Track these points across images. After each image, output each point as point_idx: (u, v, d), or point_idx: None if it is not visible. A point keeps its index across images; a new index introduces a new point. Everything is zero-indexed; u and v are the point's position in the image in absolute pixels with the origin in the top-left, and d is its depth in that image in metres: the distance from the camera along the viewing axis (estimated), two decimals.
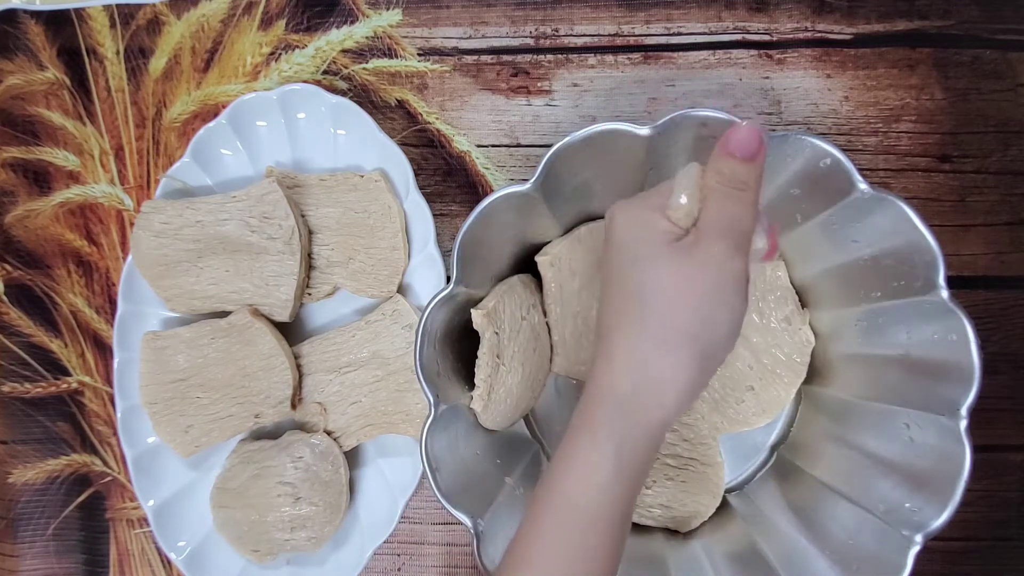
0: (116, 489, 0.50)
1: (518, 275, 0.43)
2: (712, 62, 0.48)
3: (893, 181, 0.47)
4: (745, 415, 0.43)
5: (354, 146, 0.48)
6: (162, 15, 0.52)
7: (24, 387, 0.51)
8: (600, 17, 0.49)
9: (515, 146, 0.49)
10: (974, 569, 0.45)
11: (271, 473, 0.45)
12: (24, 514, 0.50)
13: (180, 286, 0.46)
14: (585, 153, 0.36)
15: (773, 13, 0.48)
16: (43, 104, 0.52)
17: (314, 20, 0.51)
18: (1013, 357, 0.46)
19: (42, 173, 0.52)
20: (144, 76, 0.52)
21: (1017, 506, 0.46)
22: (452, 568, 0.48)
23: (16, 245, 0.51)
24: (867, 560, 0.35)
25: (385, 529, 0.45)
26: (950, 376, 0.34)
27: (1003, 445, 0.46)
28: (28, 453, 0.50)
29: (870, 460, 0.38)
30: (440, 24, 0.50)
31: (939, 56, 0.48)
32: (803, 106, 0.48)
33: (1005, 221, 0.47)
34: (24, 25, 0.52)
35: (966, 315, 0.33)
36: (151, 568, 0.49)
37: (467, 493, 0.38)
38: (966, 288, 0.46)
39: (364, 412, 0.46)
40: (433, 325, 0.37)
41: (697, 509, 0.43)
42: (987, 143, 0.47)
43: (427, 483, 0.37)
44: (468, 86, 0.50)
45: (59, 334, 0.51)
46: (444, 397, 0.38)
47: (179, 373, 0.46)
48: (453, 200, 0.49)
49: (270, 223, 0.45)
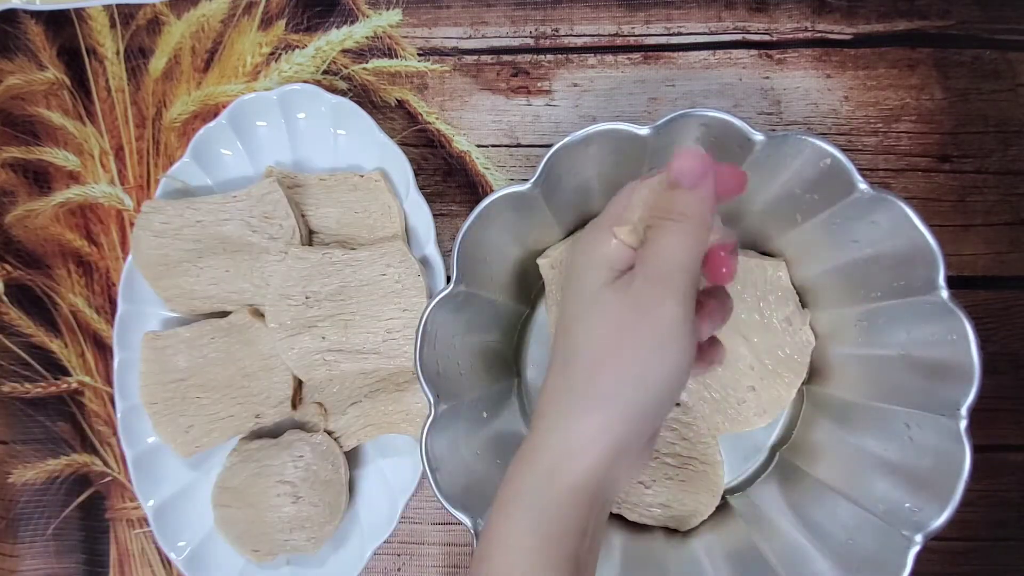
0: (116, 489, 0.50)
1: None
2: (712, 62, 0.48)
3: (893, 181, 0.47)
4: (746, 415, 0.43)
5: (354, 146, 0.48)
6: (162, 15, 0.52)
7: (24, 387, 0.51)
8: (600, 17, 0.49)
9: (515, 146, 0.49)
10: (974, 569, 0.45)
11: (271, 472, 0.45)
12: (24, 514, 0.50)
13: (180, 286, 0.46)
14: (585, 153, 0.36)
15: (773, 13, 0.48)
16: (43, 104, 0.52)
17: (314, 20, 0.51)
18: (1013, 357, 0.46)
19: (42, 173, 0.52)
20: (144, 76, 0.52)
21: (1017, 506, 0.46)
22: (452, 568, 0.48)
23: (16, 245, 0.51)
24: (867, 560, 0.35)
25: (385, 529, 0.45)
26: (950, 376, 0.34)
27: (1003, 445, 0.46)
28: (28, 453, 0.50)
29: (870, 460, 0.38)
30: (440, 24, 0.50)
31: (939, 56, 0.48)
32: (803, 106, 0.48)
33: (1005, 221, 0.47)
34: (24, 25, 0.52)
35: (966, 315, 0.33)
36: (151, 568, 0.49)
37: (467, 493, 0.38)
38: (966, 288, 0.46)
39: (364, 412, 0.46)
40: (433, 325, 0.37)
41: (696, 508, 0.43)
42: (987, 143, 0.47)
43: (427, 483, 0.37)
44: (468, 86, 0.50)
45: (59, 334, 0.51)
46: (444, 397, 0.38)
47: (179, 373, 0.46)
48: (453, 200, 0.49)
49: (271, 223, 0.45)
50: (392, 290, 0.45)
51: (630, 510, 0.44)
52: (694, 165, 0.27)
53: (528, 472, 0.28)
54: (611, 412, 0.27)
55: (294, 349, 0.45)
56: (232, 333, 0.46)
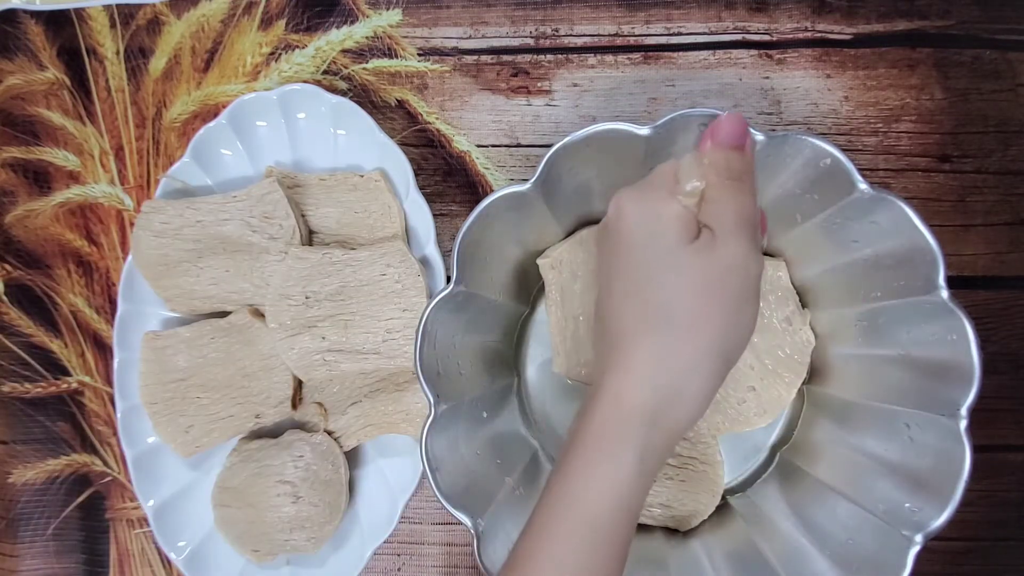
0: (116, 489, 0.50)
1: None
2: (712, 62, 0.48)
3: (893, 181, 0.47)
4: (746, 415, 0.43)
5: (354, 146, 0.48)
6: (162, 15, 0.52)
7: (24, 387, 0.51)
8: (600, 17, 0.49)
9: (515, 146, 0.49)
10: (974, 569, 0.45)
11: (271, 472, 0.45)
12: (24, 514, 0.50)
13: (180, 286, 0.46)
14: (585, 153, 0.36)
15: (773, 13, 0.48)
16: (43, 104, 0.52)
17: (314, 20, 0.51)
18: (1013, 357, 0.46)
19: (42, 173, 0.52)
20: (144, 76, 0.52)
21: (1017, 506, 0.46)
22: (452, 568, 0.48)
23: (16, 245, 0.51)
24: (867, 560, 0.35)
25: (385, 529, 0.45)
26: (950, 376, 0.34)
27: (1003, 445, 0.46)
28: (28, 453, 0.50)
29: (870, 460, 0.38)
30: (440, 24, 0.50)
31: (939, 56, 0.48)
32: (803, 106, 0.48)
33: (1005, 221, 0.47)
34: (24, 25, 0.52)
35: (966, 315, 0.33)
36: (151, 568, 0.49)
37: (467, 493, 0.38)
38: (966, 288, 0.46)
39: (364, 412, 0.46)
40: (433, 325, 0.37)
41: (697, 508, 0.43)
42: (987, 143, 0.47)
43: (427, 483, 0.37)
44: (468, 86, 0.50)
45: (59, 334, 0.51)
46: (444, 397, 0.38)
47: (179, 373, 0.46)
48: (453, 200, 0.49)
49: (271, 223, 0.45)
50: (392, 290, 0.45)
51: None
52: (737, 126, 0.29)
53: (633, 416, 0.29)
54: (713, 362, 0.29)
55: (294, 349, 0.45)
56: (232, 333, 0.46)
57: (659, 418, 0.29)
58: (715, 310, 0.28)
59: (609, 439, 0.29)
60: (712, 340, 0.29)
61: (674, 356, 0.29)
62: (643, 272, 0.30)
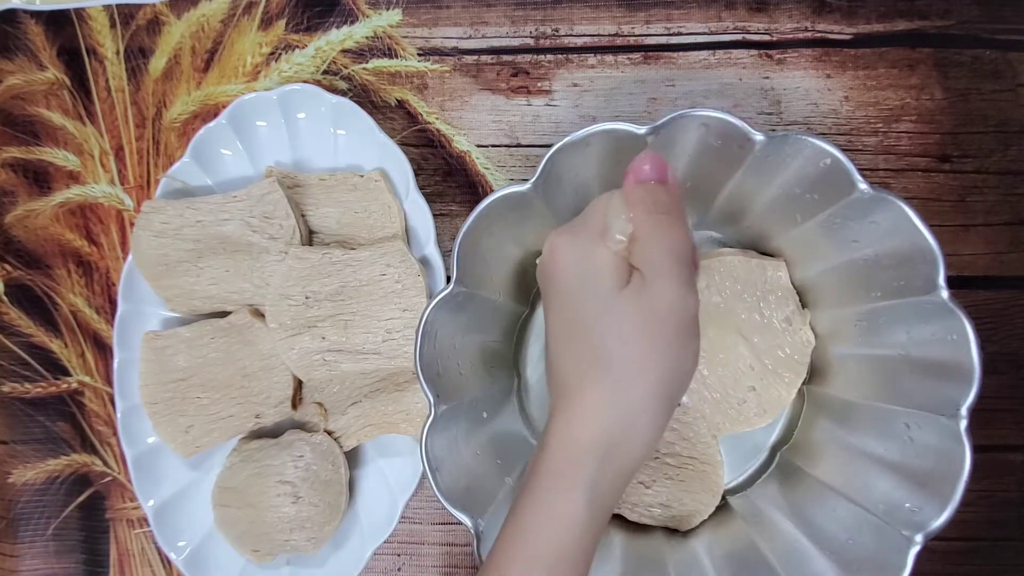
0: (116, 489, 0.50)
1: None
2: (712, 62, 0.48)
3: (893, 181, 0.47)
4: (746, 415, 0.43)
5: (354, 146, 0.48)
6: (162, 15, 0.52)
7: (24, 387, 0.51)
8: (600, 17, 0.49)
9: (515, 146, 0.49)
10: (974, 569, 0.45)
11: (271, 472, 0.45)
12: (24, 514, 0.50)
13: (180, 286, 0.46)
14: (585, 153, 0.36)
15: (773, 13, 0.48)
16: (43, 104, 0.52)
17: (314, 20, 0.51)
18: (1013, 357, 0.46)
19: (42, 173, 0.52)
20: (144, 76, 0.52)
21: (1017, 506, 0.46)
22: (452, 568, 0.48)
23: (16, 245, 0.51)
24: (867, 560, 0.35)
25: (385, 529, 0.45)
26: (950, 376, 0.34)
27: (1003, 445, 0.46)
28: (28, 453, 0.50)
29: (870, 460, 0.38)
30: (440, 24, 0.50)
31: (939, 56, 0.48)
32: (803, 106, 0.48)
33: (1005, 221, 0.47)
34: (24, 25, 0.52)
35: (966, 315, 0.33)
36: (151, 568, 0.49)
37: (467, 493, 0.38)
38: (966, 288, 0.46)
39: (364, 412, 0.46)
40: (433, 325, 0.37)
41: (696, 508, 0.43)
42: (987, 143, 0.47)
43: (427, 483, 0.37)
44: (468, 86, 0.50)
45: (59, 334, 0.51)
46: (444, 397, 0.38)
47: (179, 373, 0.46)
48: (453, 200, 0.49)
49: (271, 223, 0.45)
50: (392, 290, 0.45)
51: (630, 510, 0.44)
52: (655, 160, 0.30)
53: (583, 455, 0.29)
54: (659, 401, 0.29)
55: (294, 349, 0.45)
56: (232, 333, 0.46)
57: (609, 458, 0.29)
58: (657, 353, 0.28)
59: (560, 478, 0.30)
60: (658, 381, 0.29)
61: (621, 399, 0.29)
62: (580, 318, 0.30)
